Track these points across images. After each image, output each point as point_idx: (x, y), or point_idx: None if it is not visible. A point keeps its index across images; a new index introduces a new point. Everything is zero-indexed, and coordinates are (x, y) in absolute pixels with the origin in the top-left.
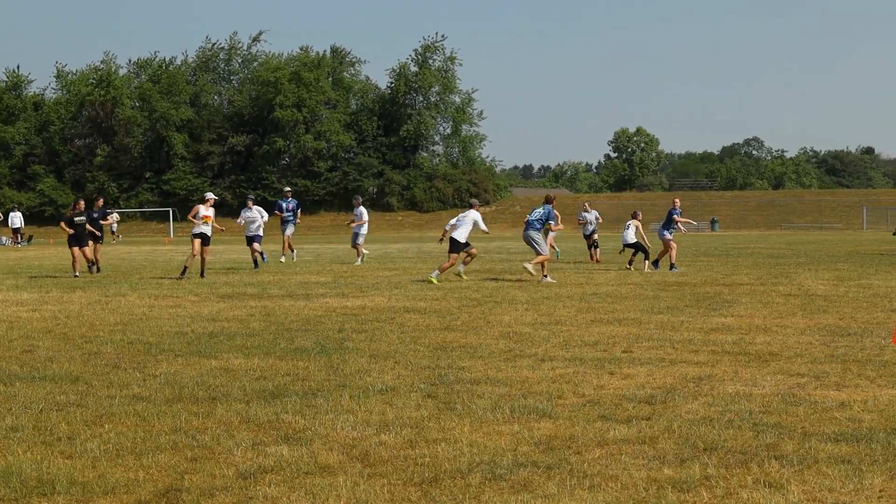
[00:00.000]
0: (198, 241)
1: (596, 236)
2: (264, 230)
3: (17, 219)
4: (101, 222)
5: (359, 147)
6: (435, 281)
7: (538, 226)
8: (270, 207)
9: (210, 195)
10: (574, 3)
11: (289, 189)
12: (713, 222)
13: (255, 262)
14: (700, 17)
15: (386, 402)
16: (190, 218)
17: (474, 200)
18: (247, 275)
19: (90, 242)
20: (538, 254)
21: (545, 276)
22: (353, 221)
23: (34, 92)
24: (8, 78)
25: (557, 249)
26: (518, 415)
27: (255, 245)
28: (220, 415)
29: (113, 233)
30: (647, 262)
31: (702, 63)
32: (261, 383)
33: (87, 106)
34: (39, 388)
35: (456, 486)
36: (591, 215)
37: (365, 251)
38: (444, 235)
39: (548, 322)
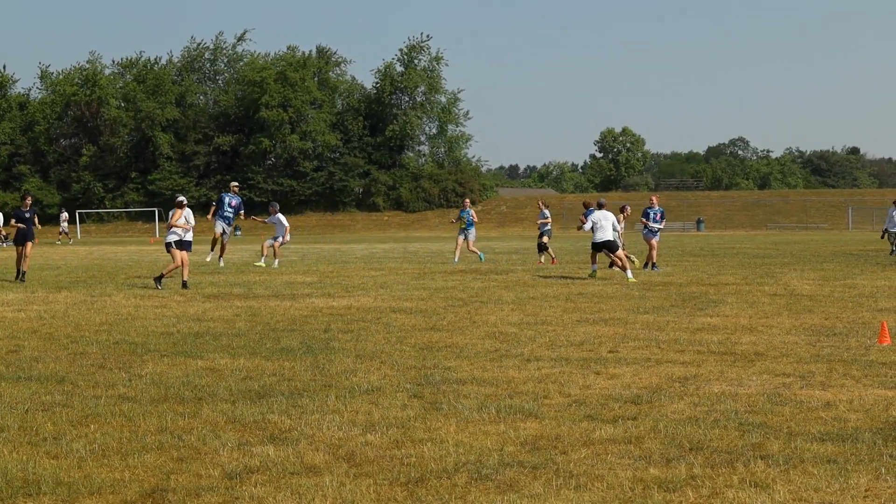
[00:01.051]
0: (178, 250)
1: (545, 239)
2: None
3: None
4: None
5: (345, 147)
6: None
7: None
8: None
9: (183, 198)
10: (560, 3)
11: (236, 184)
12: (699, 222)
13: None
14: (687, 16)
15: (372, 402)
16: (173, 223)
17: (602, 200)
18: (232, 275)
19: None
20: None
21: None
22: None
23: (19, 92)
24: None
25: (480, 253)
26: (504, 415)
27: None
28: (206, 415)
29: (65, 233)
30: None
31: (688, 63)
32: (247, 383)
33: (72, 106)
34: (25, 389)
35: (442, 486)
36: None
37: (262, 261)
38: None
39: (534, 322)
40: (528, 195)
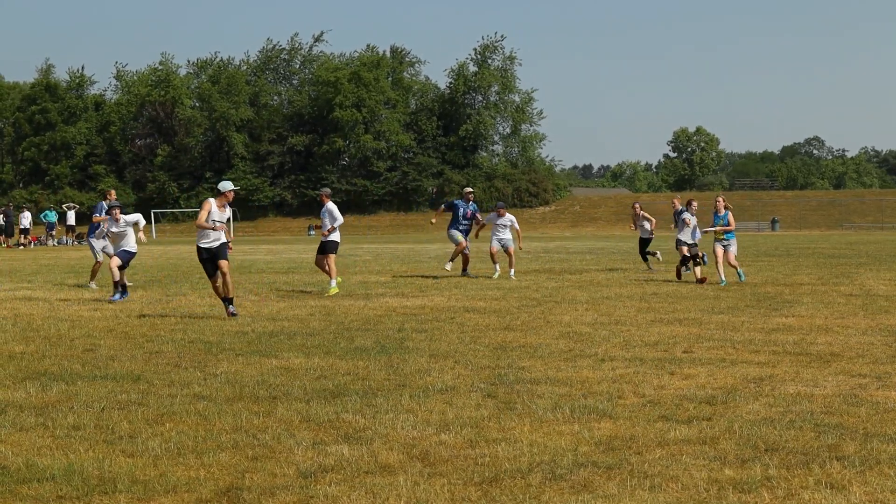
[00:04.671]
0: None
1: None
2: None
3: (24, 219)
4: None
5: (418, 147)
6: None
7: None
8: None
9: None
10: (632, 2)
11: (471, 189)
12: (773, 222)
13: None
14: (760, 15)
15: (446, 401)
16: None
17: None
18: (307, 274)
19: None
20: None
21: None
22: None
23: (95, 92)
24: (71, 78)
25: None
26: (578, 415)
27: (117, 264)
28: (281, 414)
29: (50, 234)
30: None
31: (762, 62)
32: (321, 382)
33: (147, 106)
34: (101, 387)
35: (516, 485)
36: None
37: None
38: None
39: (608, 322)
40: (601, 195)
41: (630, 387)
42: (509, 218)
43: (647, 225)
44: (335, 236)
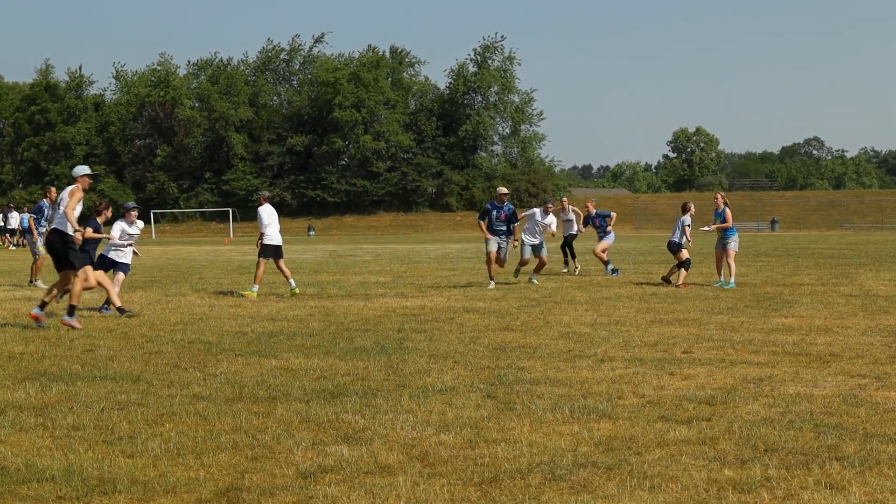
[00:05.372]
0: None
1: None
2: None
3: (13, 220)
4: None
5: (418, 147)
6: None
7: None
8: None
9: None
10: (632, 2)
11: (505, 191)
12: (773, 222)
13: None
14: (760, 15)
15: (445, 402)
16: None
17: (265, 193)
18: (306, 275)
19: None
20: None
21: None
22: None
23: (95, 93)
24: (70, 78)
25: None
26: (578, 415)
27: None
28: (281, 414)
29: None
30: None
31: (762, 62)
32: (321, 383)
33: (146, 106)
34: (100, 388)
35: (515, 486)
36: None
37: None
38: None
39: (607, 322)
40: (601, 195)
41: (630, 387)
42: (552, 219)
43: (574, 221)
44: (273, 240)
